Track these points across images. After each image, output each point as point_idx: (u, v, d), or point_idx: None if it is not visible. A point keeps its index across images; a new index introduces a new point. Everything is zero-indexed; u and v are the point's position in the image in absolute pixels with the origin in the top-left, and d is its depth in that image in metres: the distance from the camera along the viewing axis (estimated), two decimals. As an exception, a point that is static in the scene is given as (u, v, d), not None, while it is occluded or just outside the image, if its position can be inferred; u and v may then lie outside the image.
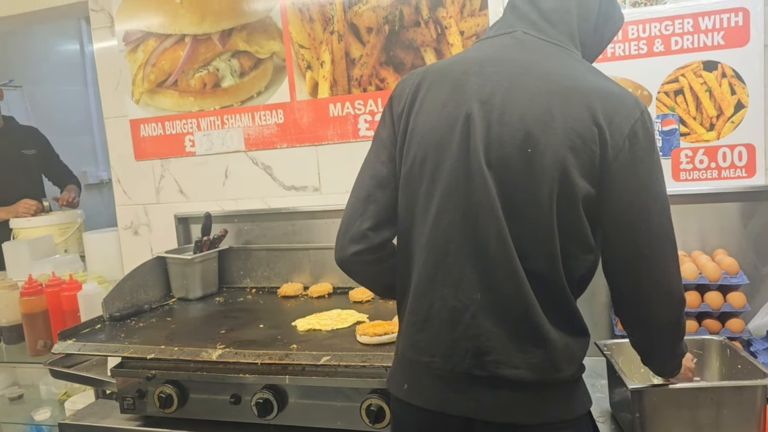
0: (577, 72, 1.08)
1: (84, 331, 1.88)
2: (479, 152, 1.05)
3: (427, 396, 1.12)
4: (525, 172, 1.03)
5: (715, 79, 1.81)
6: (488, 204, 1.05)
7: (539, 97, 1.04)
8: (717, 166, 1.83)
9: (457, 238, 1.08)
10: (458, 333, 1.08)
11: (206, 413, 1.65)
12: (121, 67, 2.45)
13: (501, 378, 1.06)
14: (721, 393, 1.32)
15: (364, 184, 1.20)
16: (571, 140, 1.01)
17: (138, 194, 2.52)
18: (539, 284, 1.06)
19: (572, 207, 1.04)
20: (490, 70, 1.09)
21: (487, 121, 1.05)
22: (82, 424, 1.82)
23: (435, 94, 1.12)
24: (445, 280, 1.09)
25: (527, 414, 1.07)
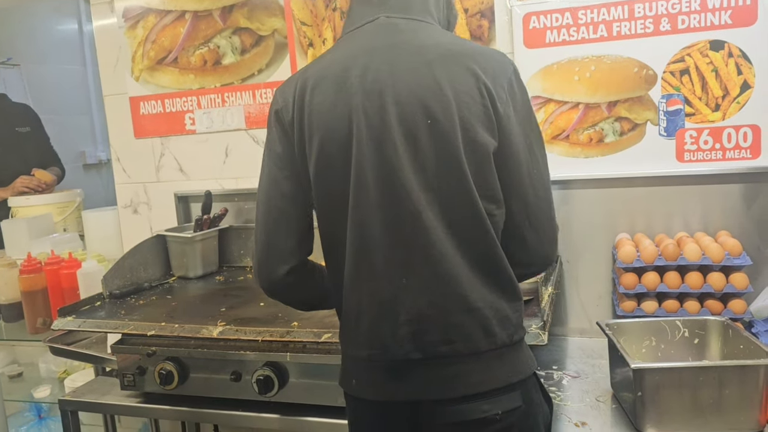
0: (446, 39, 1.13)
1: (84, 308, 1.88)
2: (382, 140, 1.07)
3: (375, 388, 1.14)
4: (431, 144, 1.06)
5: (722, 58, 1.79)
6: (400, 188, 1.07)
7: (421, 70, 1.07)
8: (722, 147, 1.82)
9: (374, 231, 1.09)
10: (390, 322, 1.10)
11: (207, 390, 1.65)
12: (120, 43, 2.43)
13: (438, 356, 1.09)
14: (724, 372, 1.32)
15: (275, 205, 1.19)
16: (463, 102, 1.06)
17: (137, 172, 2.50)
18: (469, 254, 1.08)
19: (484, 164, 1.07)
20: (366, 60, 1.11)
21: (381, 108, 1.07)
22: (82, 400, 1.82)
23: (321, 97, 1.12)
24: (369, 274, 1.11)
25: (473, 384, 1.09)
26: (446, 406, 1.10)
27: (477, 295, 1.08)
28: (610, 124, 1.89)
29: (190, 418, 2.11)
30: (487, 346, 1.09)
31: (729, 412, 1.32)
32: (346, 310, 1.17)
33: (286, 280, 1.20)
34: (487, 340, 1.09)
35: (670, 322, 1.58)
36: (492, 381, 1.09)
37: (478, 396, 1.09)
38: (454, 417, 1.09)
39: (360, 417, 1.21)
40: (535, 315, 1.49)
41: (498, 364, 1.10)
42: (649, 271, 1.73)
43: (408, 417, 1.13)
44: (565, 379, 1.67)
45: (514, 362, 1.13)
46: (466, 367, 1.09)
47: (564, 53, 1.91)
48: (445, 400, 1.10)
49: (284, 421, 1.58)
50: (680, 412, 1.33)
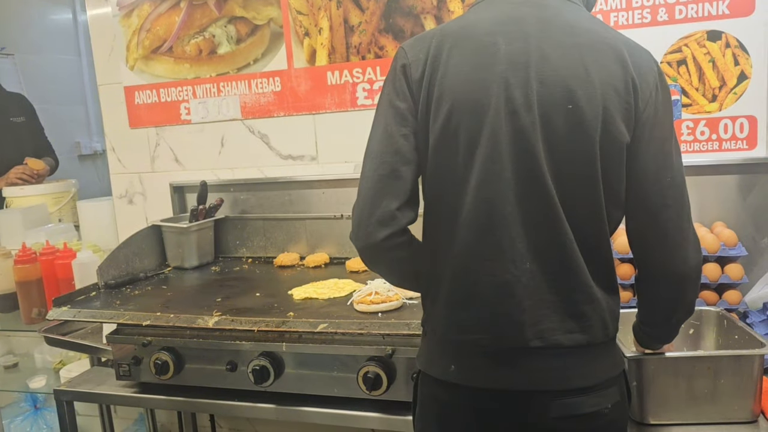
0: (596, 25, 1.07)
1: (79, 298, 1.87)
2: (521, 115, 1.01)
3: (480, 375, 1.08)
4: (568, 130, 1.01)
5: (719, 49, 1.78)
6: (534, 168, 1.02)
7: (570, 51, 1.02)
8: (718, 138, 1.82)
9: (502, 208, 1.03)
10: (510, 306, 1.04)
11: (202, 380, 1.65)
12: (115, 32, 2.41)
13: (557, 345, 1.05)
14: (719, 362, 1.32)
15: (386, 160, 1.09)
16: (607, 93, 1.01)
17: (133, 162, 2.49)
18: (585, 245, 1.05)
19: (616, 160, 1.04)
20: (512, 28, 1.05)
21: (524, 81, 1.02)
22: (78, 390, 1.82)
23: (460, 58, 1.05)
24: (492, 253, 1.04)
25: (583, 377, 1.07)
26: (560, 398, 1.06)
27: (597, 286, 1.06)
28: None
29: (186, 408, 2.12)
30: (602, 339, 1.08)
31: (724, 402, 1.32)
32: (453, 290, 1.09)
33: (384, 244, 1.09)
34: (603, 333, 1.08)
35: (665, 312, 1.58)
36: (601, 373, 1.08)
37: (588, 389, 1.07)
38: (568, 411, 1.06)
39: (455, 406, 1.12)
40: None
41: (606, 356, 1.10)
42: (645, 262, 1.72)
43: (516, 409, 1.07)
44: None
45: (615, 356, 1.12)
46: (581, 359, 1.07)
47: (561, 43, 1.90)
48: (558, 391, 1.06)
49: (280, 411, 1.59)
50: (675, 401, 1.34)
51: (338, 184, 2.17)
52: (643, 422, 1.35)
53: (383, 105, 1.12)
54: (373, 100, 2.12)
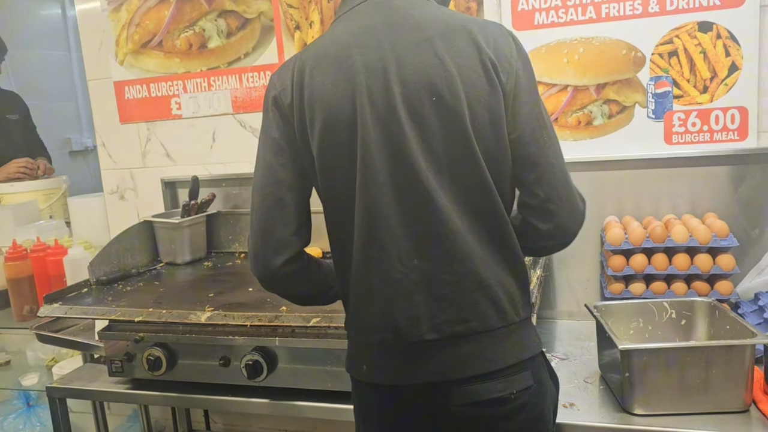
0: (443, 14, 1.11)
1: (70, 294, 1.86)
2: (386, 119, 1.05)
3: (389, 372, 1.13)
4: (438, 121, 1.04)
5: (710, 40, 1.78)
6: (408, 167, 1.05)
7: (422, 46, 1.06)
8: (709, 129, 1.82)
9: (383, 212, 1.07)
10: (404, 304, 1.08)
11: (195, 376, 1.65)
12: (104, 27, 2.39)
13: (454, 335, 1.08)
14: (710, 352, 1.33)
15: (270, 191, 1.14)
16: (467, 76, 1.04)
17: (123, 158, 2.47)
18: (478, 230, 1.07)
19: (493, 136, 1.07)
20: (366, 38, 1.09)
21: (385, 86, 1.05)
22: (70, 387, 1.82)
23: (321, 77, 1.09)
24: (380, 256, 1.09)
25: (487, 362, 1.09)
26: (461, 386, 1.09)
27: (489, 272, 1.08)
28: (598, 106, 1.89)
29: (179, 404, 2.12)
30: (499, 323, 1.09)
31: (715, 392, 1.33)
32: (355, 295, 1.14)
33: (282, 270, 1.15)
34: (499, 317, 1.09)
35: (657, 303, 1.59)
36: (505, 358, 1.09)
37: (492, 375, 1.08)
38: (469, 398, 1.09)
39: (371, 403, 1.18)
40: (523, 297, 1.49)
41: (509, 341, 1.10)
42: (637, 253, 1.73)
43: (422, 400, 1.12)
44: (554, 362, 1.67)
45: (523, 339, 1.13)
46: (480, 345, 1.08)
47: (552, 35, 1.89)
48: (461, 379, 1.09)
49: (274, 406, 1.58)
50: (667, 392, 1.34)
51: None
52: (633, 413, 1.36)
53: (261, 138, 1.18)
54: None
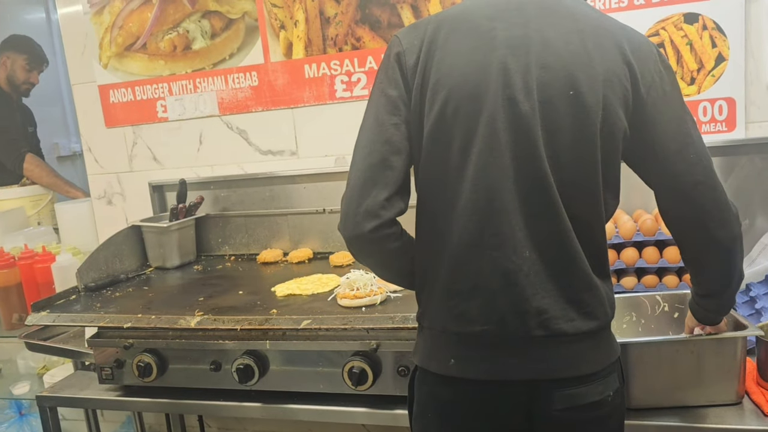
0: (595, 11, 1.08)
1: (58, 302, 1.84)
2: (520, 101, 1.00)
3: (485, 367, 1.06)
4: (569, 116, 1.00)
5: (696, 31, 1.78)
6: (532, 156, 1.01)
7: (572, 37, 1.02)
8: (698, 121, 1.82)
9: (501, 196, 1.02)
10: (514, 296, 1.03)
11: (186, 381, 1.63)
12: (87, 30, 2.36)
13: (560, 333, 1.04)
14: (702, 345, 1.33)
15: (376, 149, 1.06)
16: (609, 79, 1.01)
17: (110, 162, 2.45)
18: (582, 232, 1.05)
19: (614, 147, 1.04)
20: (512, 15, 1.04)
21: (525, 67, 1.00)
22: (60, 396, 1.80)
23: (458, 42, 1.03)
24: (493, 242, 1.03)
25: (588, 363, 1.07)
26: (563, 389, 1.05)
27: (595, 274, 1.07)
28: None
29: (172, 410, 2.10)
30: (601, 325, 1.08)
31: (708, 384, 1.33)
32: (454, 280, 1.06)
33: (371, 237, 1.06)
34: (603, 319, 1.08)
35: (650, 296, 1.59)
36: (603, 359, 1.09)
37: (592, 377, 1.07)
38: (571, 401, 1.06)
39: (456, 401, 1.10)
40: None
41: (605, 343, 1.10)
42: (628, 247, 1.72)
43: (523, 399, 1.07)
44: (547, 357, 1.67)
45: (613, 342, 1.13)
46: (583, 346, 1.07)
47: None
48: (563, 379, 1.06)
49: (266, 409, 1.57)
50: (661, 385, 1.34)
51: (319, 178, 2.15)
52: (628, 407, 1.35)
53: (375, 94, 1.10)
54: (351, 93, 2.09)
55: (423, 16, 1.98)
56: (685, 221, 1.10)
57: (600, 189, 1.04)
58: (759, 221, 1.80)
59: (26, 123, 3.28)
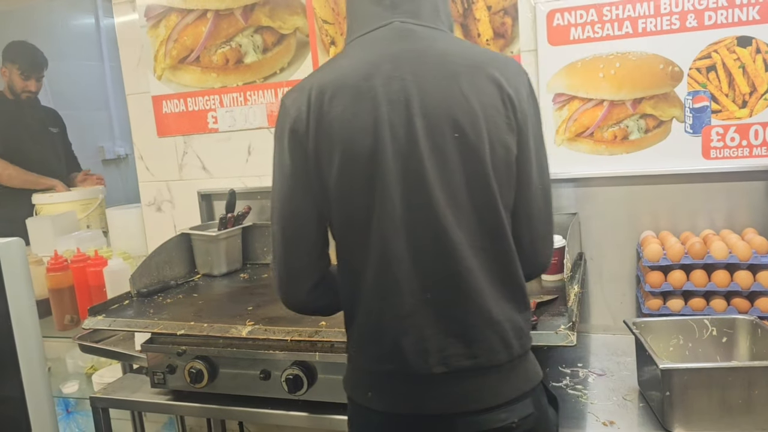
0: (466, 48, 1.14)
1: (113, 306, 1.90)
2: (406, 153, 1.05)
3: (395, 402, 1.13)
4: (459, 159, 1.05)
5: (749, 54, 1.77)
6: (426, 204, 1.06)
7: (447, 81, 1.06)
8: (748, 144, 1.81)
9: (398, 245, 1.07)
10: (414, 337, 1.09)
11: (236, 388, 1.67)
12: (142, 42, 2.44)
13: (461, 369, 1.09)
14: (753, 373, 1.33)
15: (289, 224, 1.15)
16: (489, 115, 1.06)
17: (161, 171, 2.52)
18: (489, 267, 1.09)
19: (508, 177, 1.10)
20: (388, 68, 1.07)
21: (408, 120, 1.05)
22: (113, 398, 1.85)
23: (341, 107, 1.07)
24: (392, 288, 1.09)
25: (493, 395, 1.11)
26: (466, 417, 1.10)
27: (498, 308, 1.10)
28: (635, 121, 1.89)
29: (219, 416, 2.15)
30: (506, 358, 1.11)
31: (758, 413, 1.32)
32: (364, 324, 1.15)
33: (309, 297, 1.20)
34: (506, 353, 1.11)
35: (698, 320, 1.58)
36: (510, 391, 1.11)
37: (497, 408, 1.10)
38: (473, 428, 1.10)
39: (370, 427, 1.18)
40: (562, 314, 1.50)
41: (514, 374, 1.13)
42: (675, 269, 1.72)
43: (426, 430, 1.13)
44: (591, 377, 1.67)
45: (526, 371, 1.15)
46: (486, 380, 1.11)
47: (588, 50, 1.90)
48: (466, 412, 1.10)
49: (312, 419, 1.60)
50: (708, 412, 1.34)
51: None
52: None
53: (276, 166, 1.16)
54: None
55: (472, 36, 2.01)
56: (522, 242, 1.15)
57: (503, 221, 1.09)
58: (809, 247, 1.78)
59: (47, 124, 3.36)
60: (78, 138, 3.65)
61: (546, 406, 1.19)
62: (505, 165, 1.09)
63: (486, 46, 2.00)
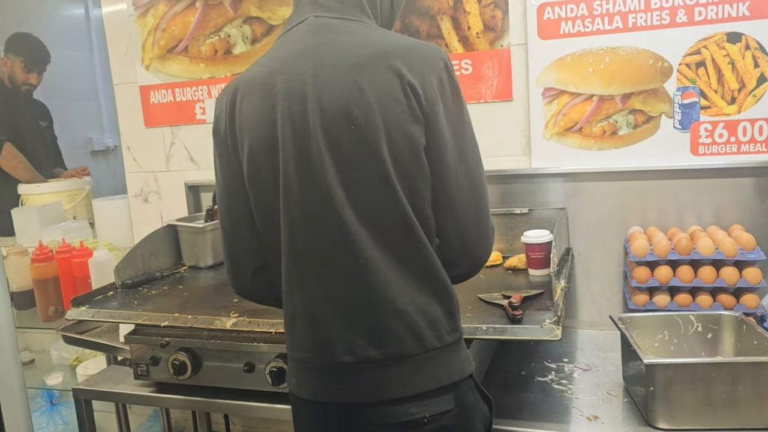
0: (374, 38, 1.11)
1: (97, 297, 1.89)
2: (305, 147, 1.07)
3: (312, 389, 1.16)
4: (354, 151, 1.05)
5: (739, 51, 1.77)
6: (324, 195, 1.07)
7: (344, 74, 1.06)
8: (737, 141, 1.81)
9: (301, 238, 1.11)
10: (321, 327, 1.12)
11: (220, 380, 1.66)
12: (130, 32, 2.41)
13: (368, 359, 1.10)
14: (737, 369, 1.32)
15: (227, 216, 1.22)
16: (386, 105, 1.04)
17: (148, 162, 2.50)
18: (397, 257, 1.09)
19: (414, 166, 1.07)
20: (292, 63, 1.10)
21: (305, 114, 1.07)
22: (96, 389, 1.84)
23: (250, 104, 1.12)
24: (300, 280, 1.13)
25: (402, 387, 1.10)
26: (377, 408, 1.11)
27: (406, 299, 1.09)
28: (624, 116, 1.88)
29: (203, 408, 2.13)
30: (418, 350, 1.10)
31: (742, 408, 1.32)
32: (287, 313, 1.18)
33: (251, 284, 1.25)
34: (417, 344, 1.10)
35: (683, 316, 1.58)
36: (421, 384, 1.10)
37: (407, 399, 1.10)
38: (383, 419, 1.10)
39: (299, 415, 1.23)
40: (548, 309, 1.49)
41: (428, 367, 1.11)
42: (662, 265, 1.72)
43: (342, 418, 1.14)
44: (576, 372, 1.67)
45: (446, 365, 1.13)
46: (396, 371, 1.10)
47: (578, 44, 1.89)
48: (376, 402, 1.11)
49: (297, 412, 1.59)
50: (693, 407, 1.34)
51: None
52: (657, 427, 1.36)
53: (215, 161, 1.23)
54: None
55: (462, 28, 2.00)
56: (450, 239, 1.13)
57: (406, 211, 1.07)
58: (796, 243, 1.78)
59: (37, 118, 3.35)
60: (67, 129, 3.63)
61: (474, 403, 1.17)
62: (411, 155, 1.06)
63: (476, 39, 1.99)
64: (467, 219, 1.13)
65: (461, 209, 1.12)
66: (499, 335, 1.40)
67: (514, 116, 1.99)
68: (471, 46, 2.00)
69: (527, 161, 1.99)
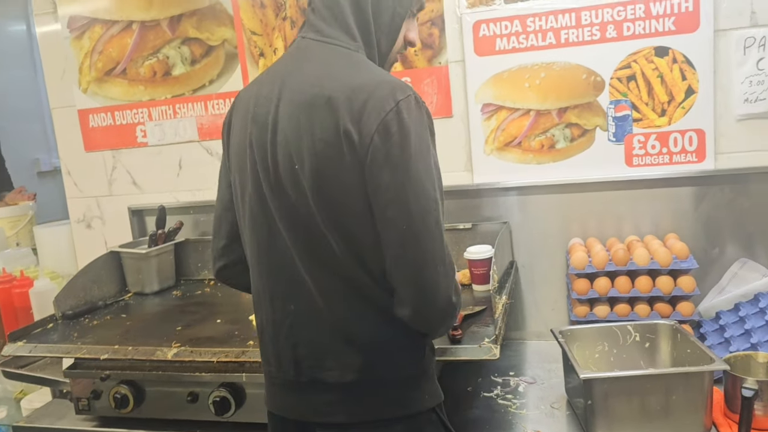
0: (336, 72, 1.07)
1: (35, 331, 1.83)
2: (263, 177, 1.11)
3: (275, 401, 1.22)
4: (292, 189, 1.07)
5: (667, 64, 1.82)
6: (271, 226, 1.12)
7: (296, 111, 1.07)
8: (669, 152, 1.86)
9: (263, 259, 1.16)
10: (281, 343, 1.16)
11: (163, 412, 1.63)
12: (66, 54, 2.36)
13: (320, 381, 1.12)
14: (670, 380, 1.36)
15: (216, 207, 1.32)
16: (322, 151, 1.03)
17: (89, 186, 2.45)
18: (344, 291, 1.09)
19: (353, 212, 1.04)
20: (267, 89, 1.13)
21: (264, 145, 1.10)
22: (37, 426, 1.78)
23: (236, 121, 1.20)
24: (264, 296, 1.18)
25: (347, 413, 1.11)
26: (325, 430, 1.13)
27: (354, 330, 1.10)
28: (560, 130, 1.92)
29: (149, 440, 2.09)
30: (369, 377, 1.10)
31: (676, 417, 1.36)
32: (256, 325, 1.24)
33: (222, 273, 1.33)
34: (369, 372, 1.10)
35: (621, 327, 1.61)
36: (369, 413, 1.11)
37: (355, 425, 1.11)
38: None
39: (269, 426, 1.26)
40: (487, 325, 1.50)
41: (382, 397, 1.11)
42: (601, 277, 1.76)
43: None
44: (522, 386, 1.69)
45: (398, 398, 1.11)
46: (344, 396, 1.11)
47: (514, 60, 1.92)
48: (323, 424, 1.13)
49: (242, 441, 1.58)
50: (629, 418, 1.37)
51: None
52: (595, 440, 1.38)
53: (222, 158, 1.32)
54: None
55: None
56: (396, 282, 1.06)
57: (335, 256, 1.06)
58: (728, 250, 1.84)
59: None
60: (12, 150, 3.53)
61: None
62: (344, 199, 1.03)
63: (414, 57, 2.00)
64: (408, 268, 1.03)
65: (403, 257, 1.03)
66: (440, 356, 1.41)
67: (455, 132, 2.01)
68: (410, 63, 2.01)
69: (470, 177, 2.01)
